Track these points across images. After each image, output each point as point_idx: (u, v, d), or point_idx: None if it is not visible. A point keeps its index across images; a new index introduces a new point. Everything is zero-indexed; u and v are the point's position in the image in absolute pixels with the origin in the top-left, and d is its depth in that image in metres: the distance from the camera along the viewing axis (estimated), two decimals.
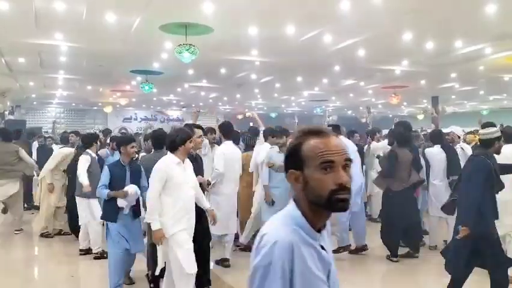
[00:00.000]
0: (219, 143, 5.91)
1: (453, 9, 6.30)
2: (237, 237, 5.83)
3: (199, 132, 4.57)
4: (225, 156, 5.18)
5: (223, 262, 5.37)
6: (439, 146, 6.13)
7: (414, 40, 8.07)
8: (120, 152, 4.60)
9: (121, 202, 4.32)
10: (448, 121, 16.33)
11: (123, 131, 19.08)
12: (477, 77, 12.66)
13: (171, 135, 3.87)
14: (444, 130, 6.85)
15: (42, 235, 7.00)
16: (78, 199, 5.89)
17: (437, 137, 6.31)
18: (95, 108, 22.37)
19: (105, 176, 4.44)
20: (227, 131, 5.56)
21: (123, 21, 6.87)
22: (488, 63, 10.37)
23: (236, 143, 6.05)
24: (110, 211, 4.40)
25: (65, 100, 19.38)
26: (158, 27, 7.21)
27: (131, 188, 4.37)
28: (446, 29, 7.51)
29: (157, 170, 3.68)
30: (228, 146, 5.46)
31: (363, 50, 8.96)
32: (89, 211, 5.81)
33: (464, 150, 6.27)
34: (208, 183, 4.92)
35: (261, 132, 6.11)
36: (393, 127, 7.12)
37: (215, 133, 5.94)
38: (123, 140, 4.67)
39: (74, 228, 6.55)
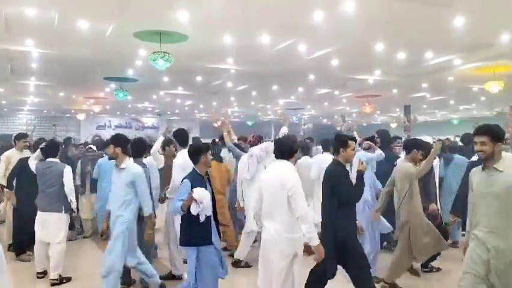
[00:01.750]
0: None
1: (423, 21, 6.48)
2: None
3: None
4: (181, 167, 4.74)
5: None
6: None
7: (386, 50, 8.26)
8: (195, 162, 3.85)
9: (194, 209, 3.54)
10: (420, 130, 16.74)
11: (96, 138, 18.73)
12: (447, 87, 13.04)
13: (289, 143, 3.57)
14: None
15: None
16: (43, 214, 5.15)
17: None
18: (68, 115, 21.95)
19: (186, 189, 3.61)
20: (183, 139, 5.23)
21: (96, 27, 6.78)
22: (458, 74, 10.69)
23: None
24: (204, 231, 3.66)
25: (36, 107, 18.94)
26: (132, 34, 7.16)
27: (200, 191, 3.58)
28: (417, 41, 7.71)
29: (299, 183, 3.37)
30: (184, 155, 5.00)
31: (336, 59, 9.11)
32: (56, 228, 5.12)
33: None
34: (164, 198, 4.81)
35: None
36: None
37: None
38: (203, 148, 3.94)
39: (19, 246, 5.98)
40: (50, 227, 5.09)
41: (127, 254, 4.20)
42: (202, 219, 3.56)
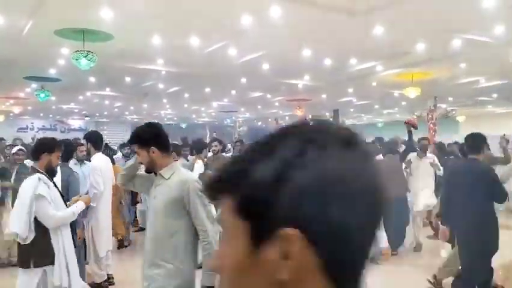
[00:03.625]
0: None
1: (344, 29, 6.77)
2: None
3: None
4: (101, 172, 4.65)
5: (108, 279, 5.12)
6: None
7: (312, 57, 8.53)
8: None
9: None
10: None
11: (17, 141, 17.47)
12: (371, 92, 13.74)
13: None
14: None
15: None
16: None
17: None
18: None
19: None
20: (97, 141, 5.06)
21: (12, 24, 6.34)
22: (380, 79, 11.32)
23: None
24: None
25: None
26: (53, 32, 6.78)
27: None
28: (341, 47, 8.05)
29: None
30: (100, 158, 4.98)
31: (266, 63, 9.27)
32: None
33: None
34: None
35: None
36: None
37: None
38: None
39: None
40: None
41: None
42: None
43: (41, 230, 3.04)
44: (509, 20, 6.44)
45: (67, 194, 4.04)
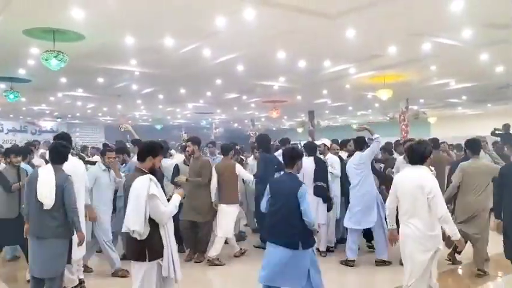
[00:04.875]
0: None
1: (317, 32, 6.84)
2: None
3: None
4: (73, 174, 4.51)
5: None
6: (312, 157, 6.49)
7: (287, 58, 8.58)
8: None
9: None
10: (323, 134, 17.69)
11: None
12: (345, 94, 13.93)
13: None
14: (317, 142, 7.35)
15: None
16: None
17: (312, 149, 6.69)
18: None
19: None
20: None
21: None
22: (353, 82, 11.48)
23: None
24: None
25: None
26: (21, 31, 6.60)
27: None
28: (314, 50, 8.13)
29: None
30: (73, 161, 4.83)
31: (241, 65, 9.27)
32: None
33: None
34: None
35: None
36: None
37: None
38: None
39: None
40: None
41: None
42: None
43: (153, 226, 3.28)
44: (476, 24, 6.63)
45: (62, 200, 3.97)
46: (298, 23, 6.35)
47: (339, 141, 7.92)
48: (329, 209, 6.30)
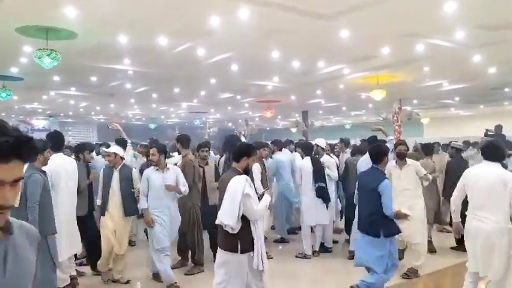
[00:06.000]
0: None
1: (312, 32, 6.85)
2: None
3: None
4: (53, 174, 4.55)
5: None
6: (309, 157, 6.55)
7: (281, 58, 8.59)
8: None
9: None
10: (317, 134, 17.73)
11: None
12: (339, 94, 13.97)
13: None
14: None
15: None
16: None
17: (308, 149, 6.74)
18: None
19: None
20: (57, 143, 4.88)
21: None
22: (347, 82, 11.51)
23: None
24: None
25: None
26: (14, 29, 6.55)
27: None
28: (309, 50, 8.15)
29: None
30: (56, 160, 4.75)
31: (236, 65, 9.26)
32: None
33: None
34: None
35: (128, 144, 5.88)
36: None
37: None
38: None
39: None
40: None
41: None
42: None
43: (245, 222, 3.58)
44: (469, 25, 6.68)
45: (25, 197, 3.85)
46: (292, 23, 6.35)
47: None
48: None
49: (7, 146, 1.17)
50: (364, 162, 5.83)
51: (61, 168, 4.53)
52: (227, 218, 3.53)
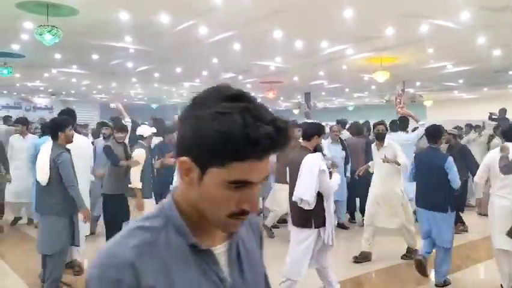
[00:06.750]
0: None
1: (315, 11, 6.78)
2: None
3: None
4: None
5: None
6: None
7: (284, 38, 8.51)
8: None
9: None
10: (320, 116, 17.68)
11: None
12: (342, 75, 13.86)
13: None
14: None
15: None
16: None
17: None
18: None
19: None
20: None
21: None
22: (350, 63, 11.42)
23: None
24: None
25: None
26: (14, 4, 6.49)
27: None
28: (312, 30, 8.06)
29: None
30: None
31: (238, 44, 9.18)
32: None
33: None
34: None
35: (129, 124, 5.82)
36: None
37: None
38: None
39: None
40: None
41: None
42: None
43: (318, 199, 3.71)
44: (474, 7, 6.59)
45: (58, 176, 3.95)
46: (296, 2, 6.27)
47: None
48: None
49: (269, 140, 0.83)
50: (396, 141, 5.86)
51: (75, 146, 4.50)
52: (306, 193, 3.64)
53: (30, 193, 6.04)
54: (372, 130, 6.22)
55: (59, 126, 4.12)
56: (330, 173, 3.89)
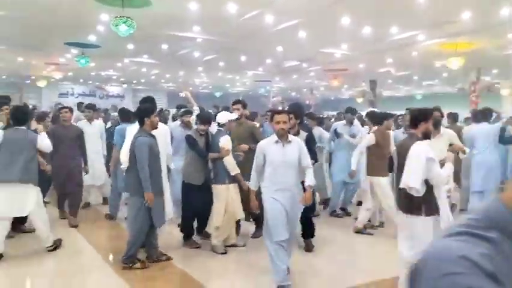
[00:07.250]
0: None
1: None
2: None
3: None
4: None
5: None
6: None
7: (352, 25, 8.29)
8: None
9: None
10: (385, 105, 17.10)
11: (59, 106, 18.10)
12: (411, 62, 13.27)
13: None
14: None
15: None
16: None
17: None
18: (28, 81, 21.01)
19: None
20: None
21: None
22: (421, 49, 10.90)
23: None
24: None
25: None
26: None
27: None
28: (382, 15, 7.78)
29: None
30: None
31: (303, 31, 9.09)
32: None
33: None
34: None
35: (196, 111, 5.91)
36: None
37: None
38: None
39: None
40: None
41: None
42: None
43: (428, 187, 3.62)
44: None
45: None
46: None
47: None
48: None
49: None
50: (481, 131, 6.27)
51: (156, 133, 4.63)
52: (413, 181, 3.60)
53: (100, 176, 7.09)
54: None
55: (146, 112, 4.39)
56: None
